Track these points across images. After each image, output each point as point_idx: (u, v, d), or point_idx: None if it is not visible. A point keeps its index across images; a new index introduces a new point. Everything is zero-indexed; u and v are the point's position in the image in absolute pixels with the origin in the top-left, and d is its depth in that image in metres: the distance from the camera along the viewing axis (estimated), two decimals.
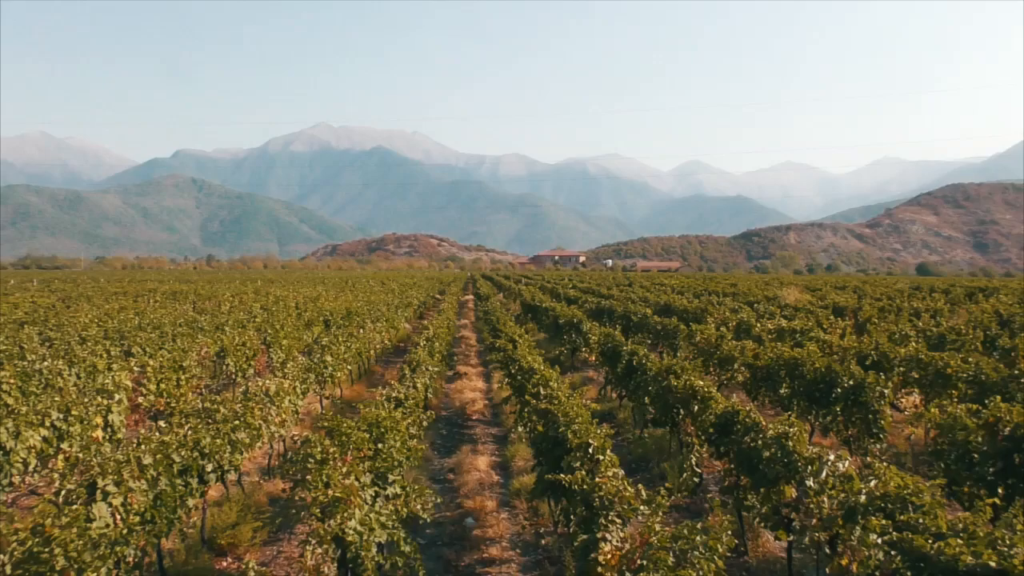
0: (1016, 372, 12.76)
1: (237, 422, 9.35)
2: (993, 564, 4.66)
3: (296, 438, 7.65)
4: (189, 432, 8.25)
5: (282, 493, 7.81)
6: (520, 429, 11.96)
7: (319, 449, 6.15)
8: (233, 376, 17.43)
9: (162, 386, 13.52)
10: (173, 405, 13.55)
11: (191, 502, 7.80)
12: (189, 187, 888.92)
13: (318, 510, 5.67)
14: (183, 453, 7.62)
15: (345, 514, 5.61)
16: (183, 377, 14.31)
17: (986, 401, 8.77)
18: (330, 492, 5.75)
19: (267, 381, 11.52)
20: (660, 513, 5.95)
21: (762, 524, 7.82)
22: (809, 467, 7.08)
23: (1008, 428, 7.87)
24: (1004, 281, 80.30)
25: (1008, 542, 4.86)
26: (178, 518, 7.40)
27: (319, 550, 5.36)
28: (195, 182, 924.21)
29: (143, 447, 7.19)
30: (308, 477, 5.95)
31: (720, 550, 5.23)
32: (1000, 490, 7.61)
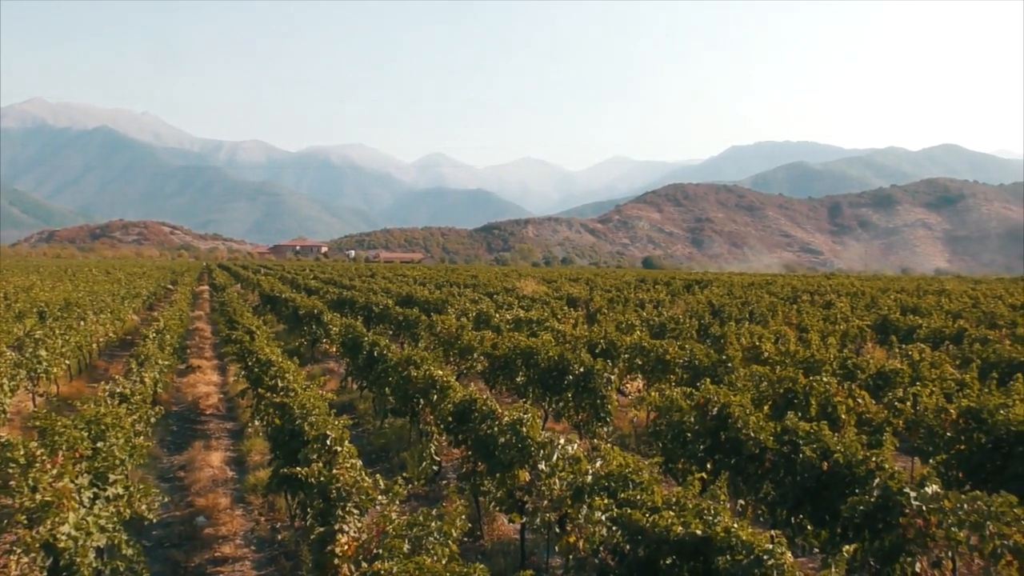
0: (724, 357, 14.03)
1: None
2: (700, 532, 5.10)
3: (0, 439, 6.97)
4: None
5: None
6: (257, 423, 11.60)
7: (22, 452, 5.63)
8: None
9: None
10: None
11: None
12: None
13: (24, 517, 5.19)
14: None
15: (56, 519, 5.17)
16: None
17: (698, 384, 9.53)
18: (38, 496, 5.28)
19: None
20: (397, 502, 6.00)
21: (497, 508, 8.07)
22: (542, 451, 7.39)
23: (716, 408, 8.61)
24: (716, 274, 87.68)
25: (713, 512, 5.34)
26: None
27: (25, 559, 4.90)
28: None
29: None
30: (12, 483, 5.43)
31: (455, 535, 5.36)
32: (708, 465, 8.32)
